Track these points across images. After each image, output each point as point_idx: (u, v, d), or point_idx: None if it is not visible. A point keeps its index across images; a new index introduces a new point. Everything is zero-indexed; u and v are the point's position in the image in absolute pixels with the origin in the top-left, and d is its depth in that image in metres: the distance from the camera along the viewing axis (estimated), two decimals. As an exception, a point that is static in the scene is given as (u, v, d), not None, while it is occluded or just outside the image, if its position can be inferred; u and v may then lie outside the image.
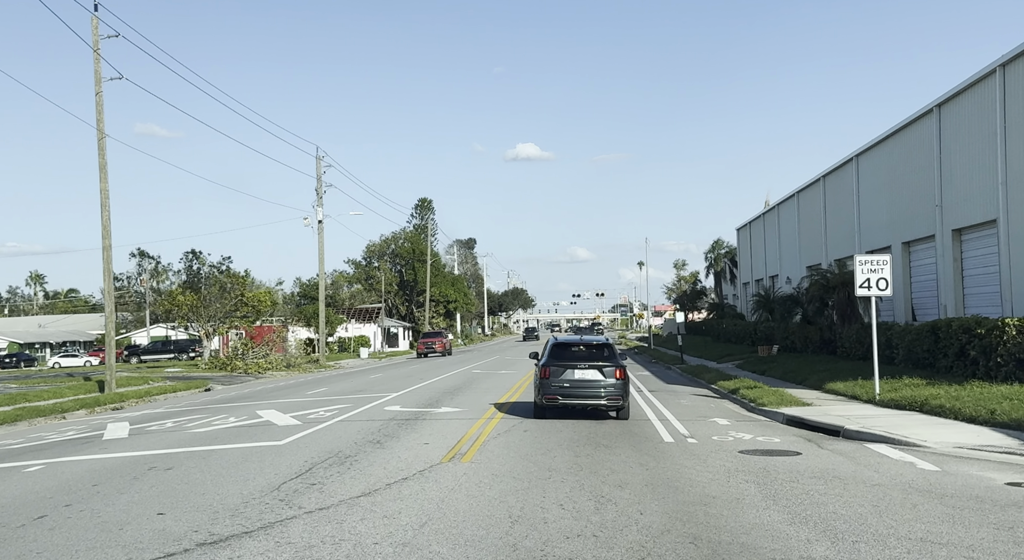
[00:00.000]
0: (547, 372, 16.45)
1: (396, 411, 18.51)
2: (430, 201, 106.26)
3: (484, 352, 66.18)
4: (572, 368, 16.37)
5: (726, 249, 72.99)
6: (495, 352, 64.26)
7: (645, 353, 54.80)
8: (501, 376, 33.59)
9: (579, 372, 16.35)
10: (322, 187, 49.70)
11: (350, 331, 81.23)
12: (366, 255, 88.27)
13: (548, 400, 16.32)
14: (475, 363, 45.60)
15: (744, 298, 63.57)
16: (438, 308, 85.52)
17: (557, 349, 17.07)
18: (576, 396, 16.24)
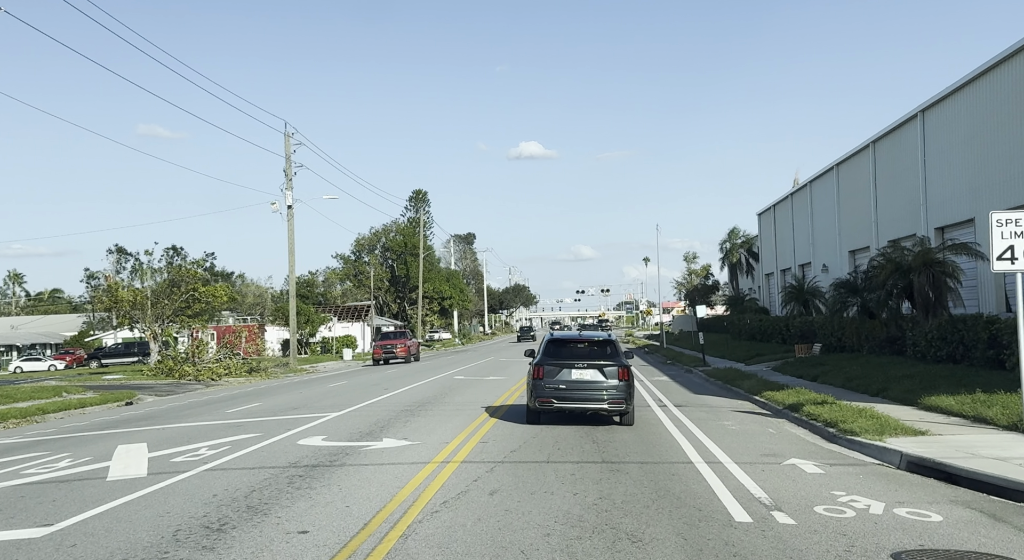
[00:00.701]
0: (541, 372, 14.76)
1: (313, 447, 12.59)
2: (425, 193, 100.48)
3: (479, 352, 60.28)
4: (570, 367, 14.69)
5: (743, 239, 66.99)
6: (490, 352, 58.33)
7: (657, 353, 48.84)
8: (487, 384, 27.74)
9: (577, 372, 14.68)
10: (291, 168, 43.78)
11: (336, 330, 75.48)
12: (355, 249, 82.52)
13: (542, 403, 14.66)
14: (462, 367, 39.69)
15: (766, 290, 57.63)
16: (432, 305, 79.67)
17: (553, 346, 15.35)
18: (574, 399, 14.56)
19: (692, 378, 29.85)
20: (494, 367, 38.48)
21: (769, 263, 54.96)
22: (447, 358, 51.35)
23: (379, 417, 16.60)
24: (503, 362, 42.77)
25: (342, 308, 79.54)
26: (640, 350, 55.81)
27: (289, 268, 44.58)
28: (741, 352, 38.54)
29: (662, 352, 48.30)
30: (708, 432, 13.94)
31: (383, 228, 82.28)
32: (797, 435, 13.79)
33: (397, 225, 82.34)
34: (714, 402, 19.86)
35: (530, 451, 11.95)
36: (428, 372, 35.69)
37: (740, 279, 69.23)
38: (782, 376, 25.32)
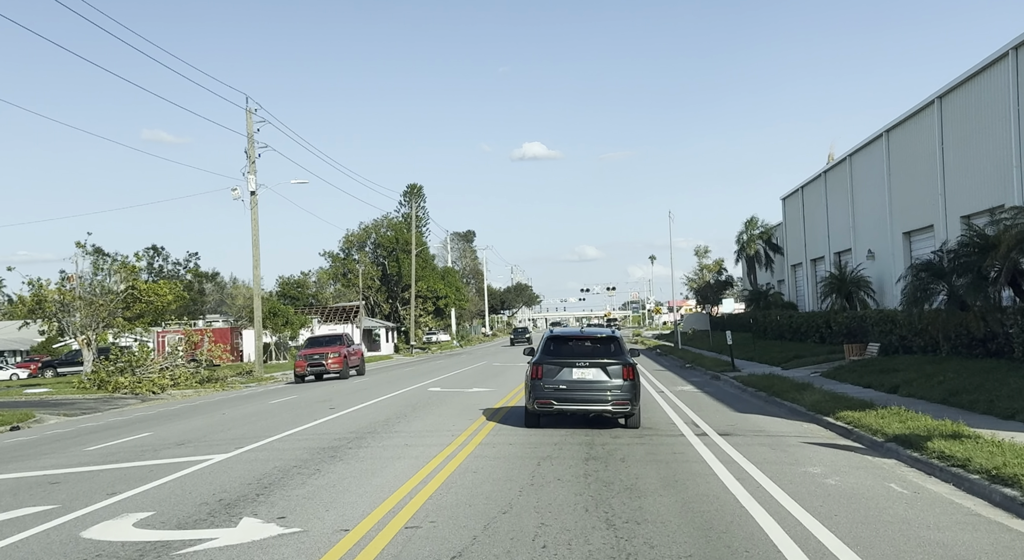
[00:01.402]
0: (539, 371, 13.73)
1: (101, 547, 7.05)
2: (420, 187, 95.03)
3: (473, 355, 54.74)
4: (570, 366, 13.69)
5: (761, 229, 61.31)
6: (485, 355, 52.82)
7: (672, 354, 43.29)
8: (466, 398, 22.33)
9: (578, 371, 13.67)
10: (254, 149, 38.34)
11: (322, 333, 70.02)
12: (344, 246, 77.04)
13: (541, 405, 13.68)
14: (445, 374, 34.28)
15: (792, 283, 52.07)
16: (426, 305, 74.22)
17: (553, 343, 14.40)
18: (575, 400, 13.54)
19: (724, 388, 24.30)
20: (483, 374, 33.02)
21: (796, 253, 49.35)
22: (434, 363, 45.86)
23: (277, 465, 10.99)
24: (496, 368, 37.25)
25: (329, 309, 74.14)
26: (652, 351, 50.26)
27: (253, 261, 39.15)
28: (774, 354, 32.95)
29: (677, 354, 42.74)
30: (795, 492, 8.38)
31: (373, 223, 76.90)
32: (946, 498, 8.23)
33: (388, 220, 76.92)
34: (770, 426, 14.29)
35: (497, 547, 6.45)
36: (401, 382, 30.39)
37: (758, 273, 63.54)
38: (842, 385, 19.77)
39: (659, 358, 43.44)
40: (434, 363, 46.86)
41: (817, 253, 43.45)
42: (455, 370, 36.67)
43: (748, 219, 62.54)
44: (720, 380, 26.45)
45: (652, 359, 42.29)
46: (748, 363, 30.80)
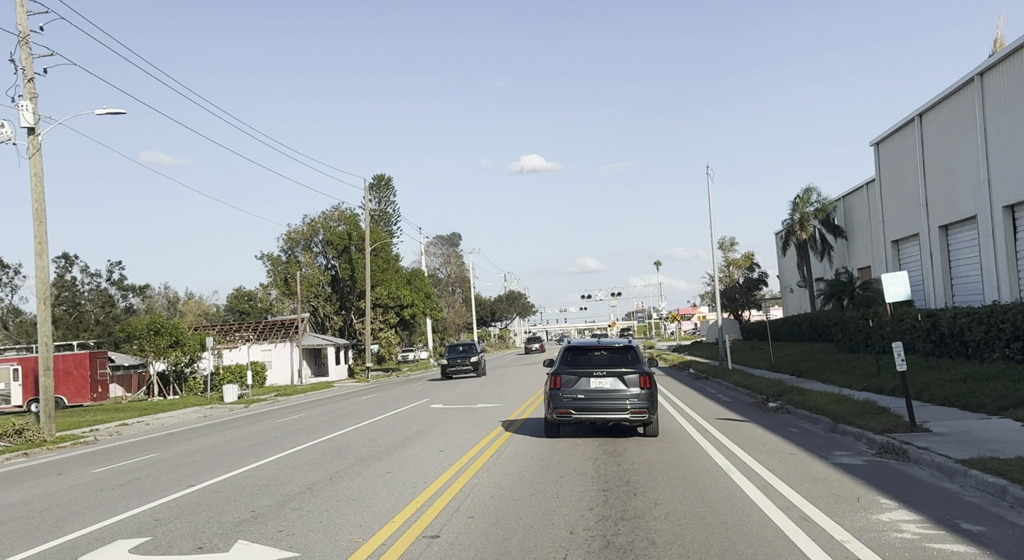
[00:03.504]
0: (558, 381, 14.20)
1: None
2: (389, 178, 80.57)
3: (444, 381, 39.68)
4: (588, 376, 14.08)
5: (817, 204, 46.35)
6: (456, 381, 37.68)
7: (720, 377, 28.14)
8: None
9: (596, 381, 14.07)
10: (31, 59, 23.33)
11: (253, 354, 54.90)
12: (286, 245, 62.09)
13: (560, 415, 14.08)
14: (335, 433, 19.13)
15: (891, 265, 36.72)
16: (387, 316, 59.18)
17: (571, 354, 14.86)
18: (593, 409, 13.96)
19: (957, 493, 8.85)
20: (422, 432, 17.73)
21: (897, 225, 34.14)
22: (366, 398, 30.74)
23: None
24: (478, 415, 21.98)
25: (264, 325, 59.03)
26: (682, 372, 35.14)
27: (36, 246, 23.85)
28: (955, 386, 17.45)
29: (731, 378, 27.47)
30: None
31: (322, 216, 61.90)
32: None
33: (340, 213, 61.97)
34: None
35: None
36: (292, 439, 15.54)
37: (812, 263, 48.48)
38: None
39: (703, 385, 28.28)
40: (367, 398, 31.79)
41: (954, 215, 28.21)
42: (369, 418, 21.50)
43: (801, 192, 47.52)
44: (968, 477, 11.18)
45: (694, 388, 27.11)
46: (943, 410, 15.38)
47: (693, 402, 21.15)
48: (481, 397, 25.53)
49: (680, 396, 23.18)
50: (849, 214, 46.93)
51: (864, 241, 43.98)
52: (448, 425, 18.32)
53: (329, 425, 20.75)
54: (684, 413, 18.38)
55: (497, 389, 30.20)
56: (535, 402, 21.78)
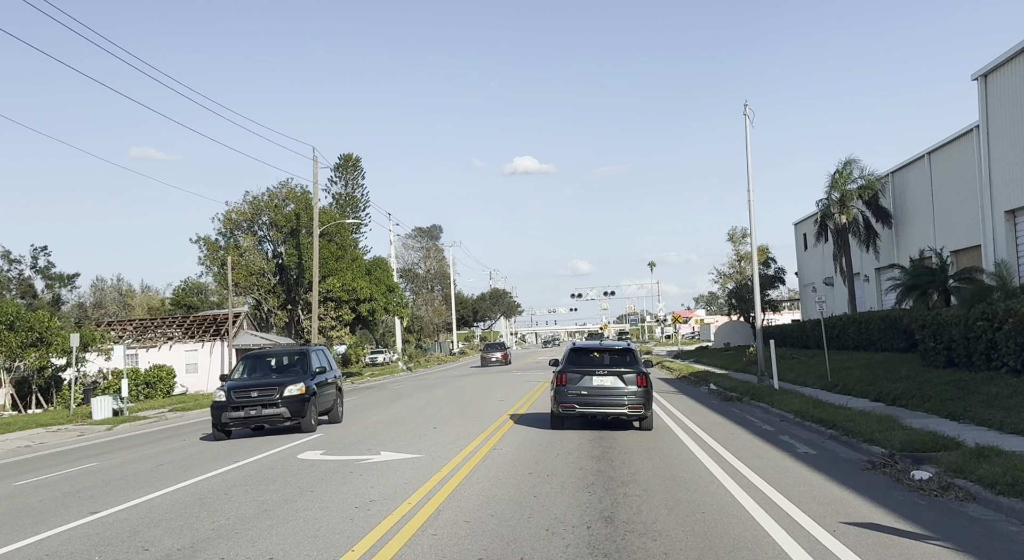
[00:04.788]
0: (564, 379, 15.53)
1: None
2: (357, 158, 71.57)
3: (379, 397, 30.14)
4: (591, 375, 15.49)
5: (861, 181, 37.55)
6: (395, 397, 28.17)
7: (764, 400, 19.07)
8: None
9: (598, 379, 15.45)
10: None
11: (174, 355, 45.84)
12: (224, 228, 52.82)
13: (565, 409, 15.43)
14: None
15: (1006, 246, 27.74)
16: (341, 311, 50.01)
17: (575, 354, 16.25)
18: (595, 404, 15.36)
19: None
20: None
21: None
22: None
23: None
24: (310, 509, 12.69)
25: (194, 320, 49.82)
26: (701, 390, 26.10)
27: None
28: None
29: (786, 403, 18.37)
30: None
31: (267, 194, 52.68)
32: None
33: (289, 190, 52.78)
34: None
35: None
36: None
37: (853, 253, 39.60)
38: None
39: (743, 413, 19.32)
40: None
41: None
42: (215, 467, 12.33)
43: (840, 166, 38.60)
44: None
45: (732, 418, 18.10)
46: None
47: (750, 454, 12.22)
48: (400, 434, 16.45)
49: (722, 438, 14.30)
50: (900, 194, 38.15)
51: (922, 226, 35.23)
52: (288, 513, 9.26)
53: (152, 479, 11.75)
54: (753, 489, 9.39)
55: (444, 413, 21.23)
56: (490, 460, 12.87)
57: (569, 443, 13.76)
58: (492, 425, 16.82)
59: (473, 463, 11.62)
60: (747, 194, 22.53)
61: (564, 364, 15.88)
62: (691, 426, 16.22)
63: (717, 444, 13.41)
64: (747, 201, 22.54)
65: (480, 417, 18.76)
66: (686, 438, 14.28)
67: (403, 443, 14.25)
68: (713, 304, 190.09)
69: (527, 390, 28.80)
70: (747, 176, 22.50)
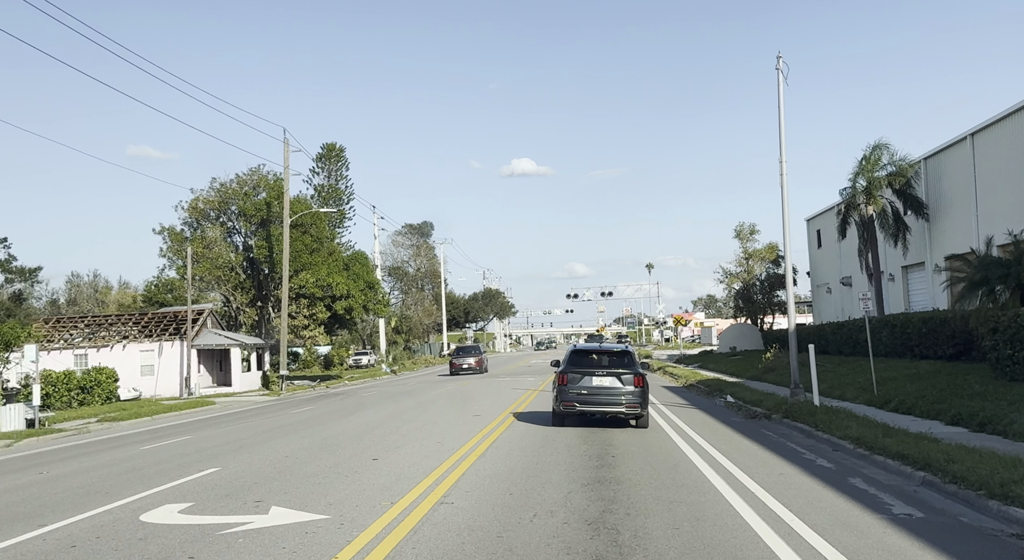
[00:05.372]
0: (565, 379, 16.16)
1: None
2: (341, 148, 67.70)
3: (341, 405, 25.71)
4: (591, 375, 16.13)
5: (891, 167, 33.41)
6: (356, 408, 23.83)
7: (806, 422, 14.83)
8: None
9: (597, 379, 16.08)
10: None
11: (130, 356, 41.61)
12: (190, 217, 48.57)
13: (566, 407, 16.13)
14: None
15: None
16: (315, 309, 45.75)
17: (576, 356, 16.84)
18: (594, 403, 16.01)
19: None
20: None
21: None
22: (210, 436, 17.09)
23: None
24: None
25: (152, 317, 45.58)
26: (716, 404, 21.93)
27: None
28: None
29: (842, 428, 14.21)
30: None
31: (236, 180, 48.44)
32: None
33: (260, 177, 48.53)
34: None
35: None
36: None
37: (881, 248, 35.43)
38: None
39: (784, 441, 15.11)
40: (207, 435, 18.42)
41: None
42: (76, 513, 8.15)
43: (868, 151, 34.47)
44: None
45: (774, 449, 13.82)
46: None
47: (826, 516, 8.15)
48: (321, 470, 12.22)
49: (768, 481, 10.25)
50: (935, 182, 34.05)
51: (962, 217, 31.19)
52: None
53: None
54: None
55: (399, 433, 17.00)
56: (430, 530, 8.56)
57: (555, 493, 9.57)
58: (454, 455, 12.65)
59: (402, 535, 7.42)
60: (779, 164, 18.39)
61: (565, 365, 16.52)
62: (719, 458, 12.10)
63: (767, 494, 9.27)
64: (779, 174, 18.39)
65: (443, 440, 14.61)
66: (719, 482, 10.14)
67: (314, 490, 10.00)
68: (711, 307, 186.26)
69: (512, 400, 24.64)
70: (779, 141, 18.36)
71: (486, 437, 15.04)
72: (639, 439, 14.47)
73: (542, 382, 34.72)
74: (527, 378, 39.69)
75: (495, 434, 15.65)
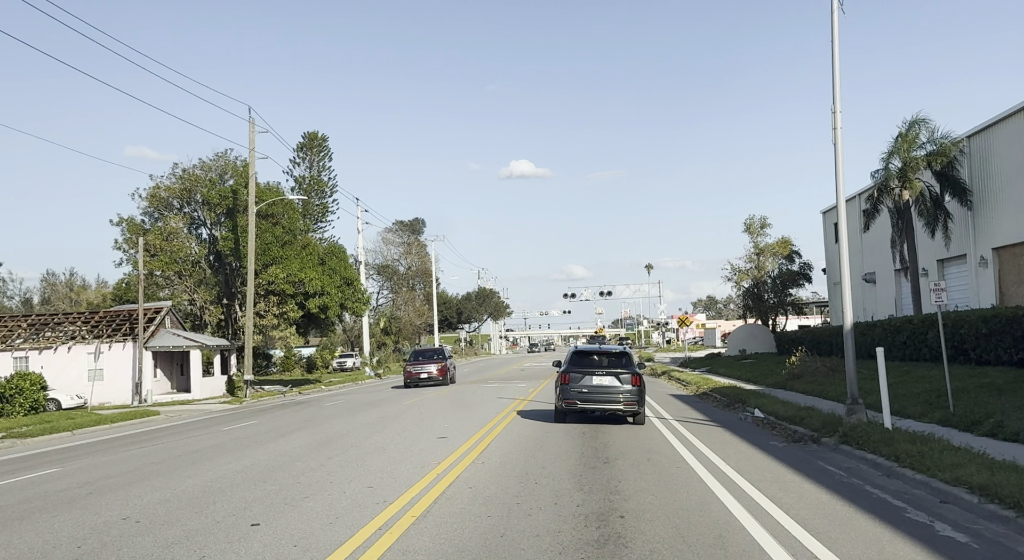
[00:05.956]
0: (567, 378, 17.07)
1: None
2: (324, 137, 63.32)
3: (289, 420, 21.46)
4: (591, 374, 16.96)
5: (931, 146, 29.18)
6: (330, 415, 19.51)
7: (847, 442, 10.62)
8: None
9: (597, 378, 16.91)
10: None
11: (71, 359, 37.39)
12: (150, 206, 44.32)
13: (568, 404, 17.01)
14: None
15: None
16: (287, 307, 41.53)
17: (577, 357, 17.76)
18: (594, 400, 16.84)
19: None
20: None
21: None
22: (99, 464, 12.98)
23: None
24: None
25: (104, 316, 41.34)
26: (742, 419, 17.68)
27: None
28: None
29: (973, 475, 10.12)
30: None
31: (200, 165, 44.17)
32: None
33: (227, 163, 44.30)
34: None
35: None
36: None
37: (917, 235, 31.15)
38: None
39: (908, 506, 10.81)
40: (100, 462, 14.23)
41: None
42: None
43: (905, 128, 30.29)
44: None
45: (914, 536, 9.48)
46: None
47: None
48: (164, 546, 8.05)
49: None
50: (981, 163, 29.91)
51: (1017, 204, 27.05)
52: None
53: None
54: None
55: (325, 469, 12.82)
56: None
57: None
58: (384, 514, 8.44)
59: None
60: (832, 116, 14.20)
61: (567, 365, 17.38)
62: (780, 519, 7.95)
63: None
64: (832, 127, 14.19)
65: (377, 484, 10.43)
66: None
67: None
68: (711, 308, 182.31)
69: (495, 413, 20.47)
70: (832, 84, 14.18)
71: (442, 476, 10.85)
72: (658, 484, 10.28)
73: (533, 390, 30.58)
74: (517, 384, 35.53)
75: (459, 468, 11.47)
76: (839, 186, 14.54)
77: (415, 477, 10.72)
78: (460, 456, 12.73)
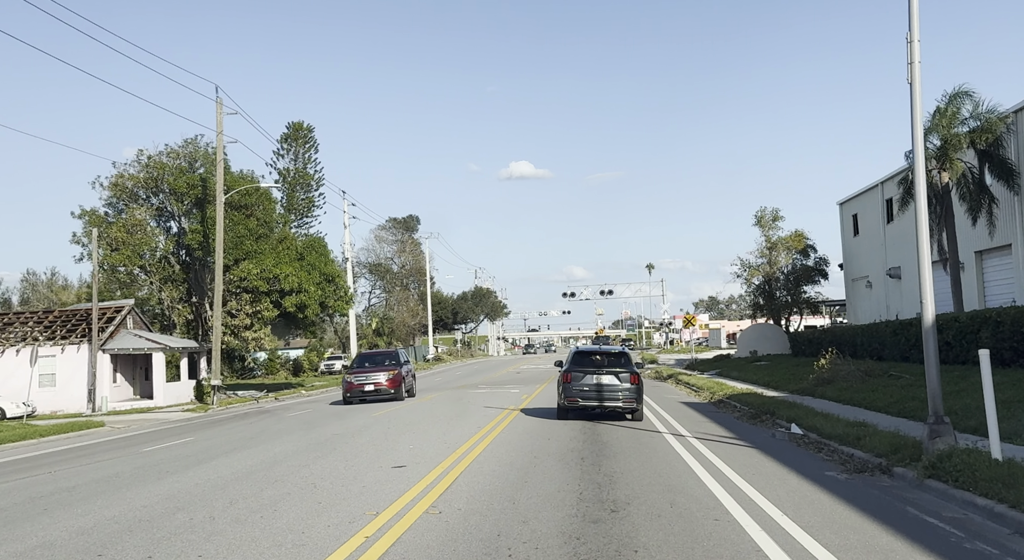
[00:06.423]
0: (569, 377, 17.82)
1: None
2: (310, 127, 59.47)
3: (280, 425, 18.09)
4: (591, 373, 17.68)
5: (976, 122, 25.80)
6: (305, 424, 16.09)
7: (941, 477, 7.50)
8: None
9: (597, 377, 17.63)
10: None
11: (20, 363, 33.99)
12: (114, 196, 40.92)
13: (569, 402, 17.75)
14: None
15: None
16: (261, 306, 38.14)
17: (578, 357, 18.61)
18: (595, 398, 17.54)
19: None
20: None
21: None
22: None
23: None
24: None
25: (59, 316, 37.95)
26: (805, 452, 14.22)
27: None
28: None
29: None
30: None
31: (167, 152, 40.74)
32: None
33: (196, 150, 40.88)
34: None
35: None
36: None
37: (958, 222, 27.69)
38: None
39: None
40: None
41: None
42: None
43: (946, 102, 26.83)
44: None
45: None
46: None
47: None
48: None
49: None
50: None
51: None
52: None
53: None
54: None
55: (227, 517, 9.42)
56: None
57: None
58: None
59: None
60: (907, 46, 10.84)
61: (569, 365, 18.24)
62: None
63: None
64: (907, 61, 10.84)
65: (287, 548, 6.96)
66: None
67: None
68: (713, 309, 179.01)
69: (477, 428, 17.10)
70: (909, 5, 10.79)
71: (374, 539, 7.42)
72: (694, 553, 6.88)
73: (527, 396, 27.24)
74: (510, 389, 32.15)
75: (404, 522, 8.04)
76: (916, 132, 11.23)
77: (333, 543, 7.30)
78: (414, 499, 9.34)
